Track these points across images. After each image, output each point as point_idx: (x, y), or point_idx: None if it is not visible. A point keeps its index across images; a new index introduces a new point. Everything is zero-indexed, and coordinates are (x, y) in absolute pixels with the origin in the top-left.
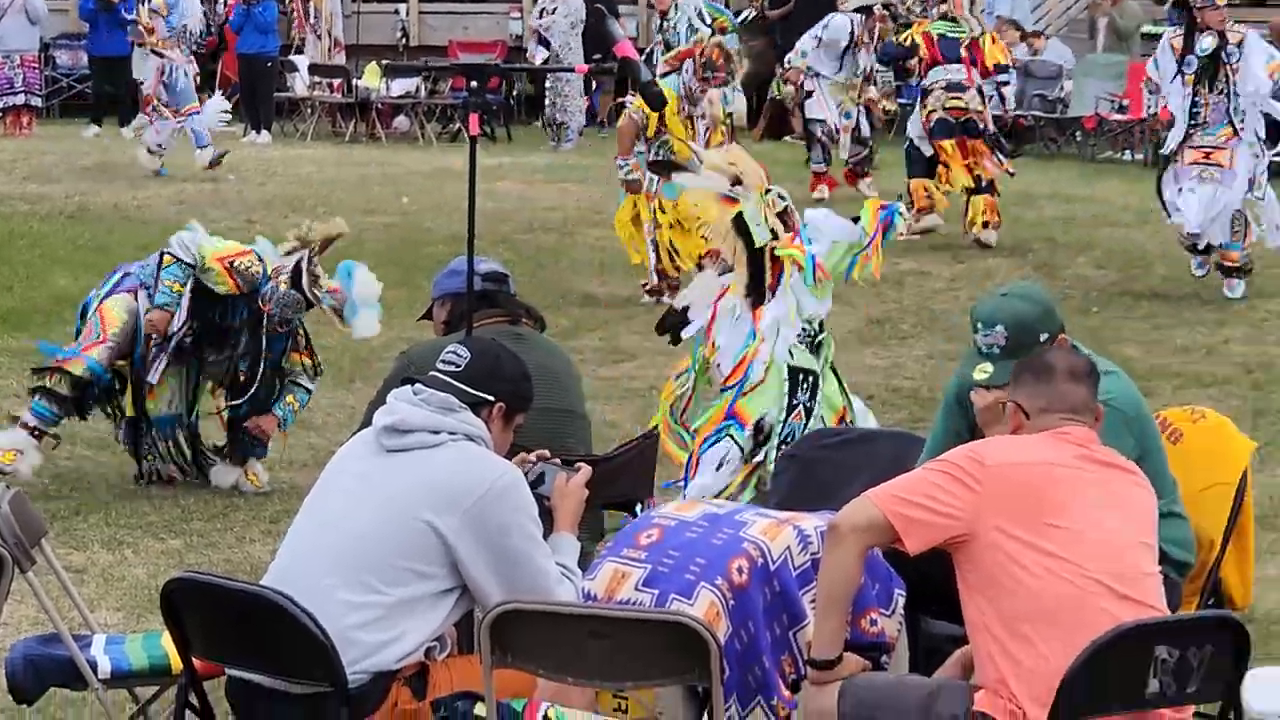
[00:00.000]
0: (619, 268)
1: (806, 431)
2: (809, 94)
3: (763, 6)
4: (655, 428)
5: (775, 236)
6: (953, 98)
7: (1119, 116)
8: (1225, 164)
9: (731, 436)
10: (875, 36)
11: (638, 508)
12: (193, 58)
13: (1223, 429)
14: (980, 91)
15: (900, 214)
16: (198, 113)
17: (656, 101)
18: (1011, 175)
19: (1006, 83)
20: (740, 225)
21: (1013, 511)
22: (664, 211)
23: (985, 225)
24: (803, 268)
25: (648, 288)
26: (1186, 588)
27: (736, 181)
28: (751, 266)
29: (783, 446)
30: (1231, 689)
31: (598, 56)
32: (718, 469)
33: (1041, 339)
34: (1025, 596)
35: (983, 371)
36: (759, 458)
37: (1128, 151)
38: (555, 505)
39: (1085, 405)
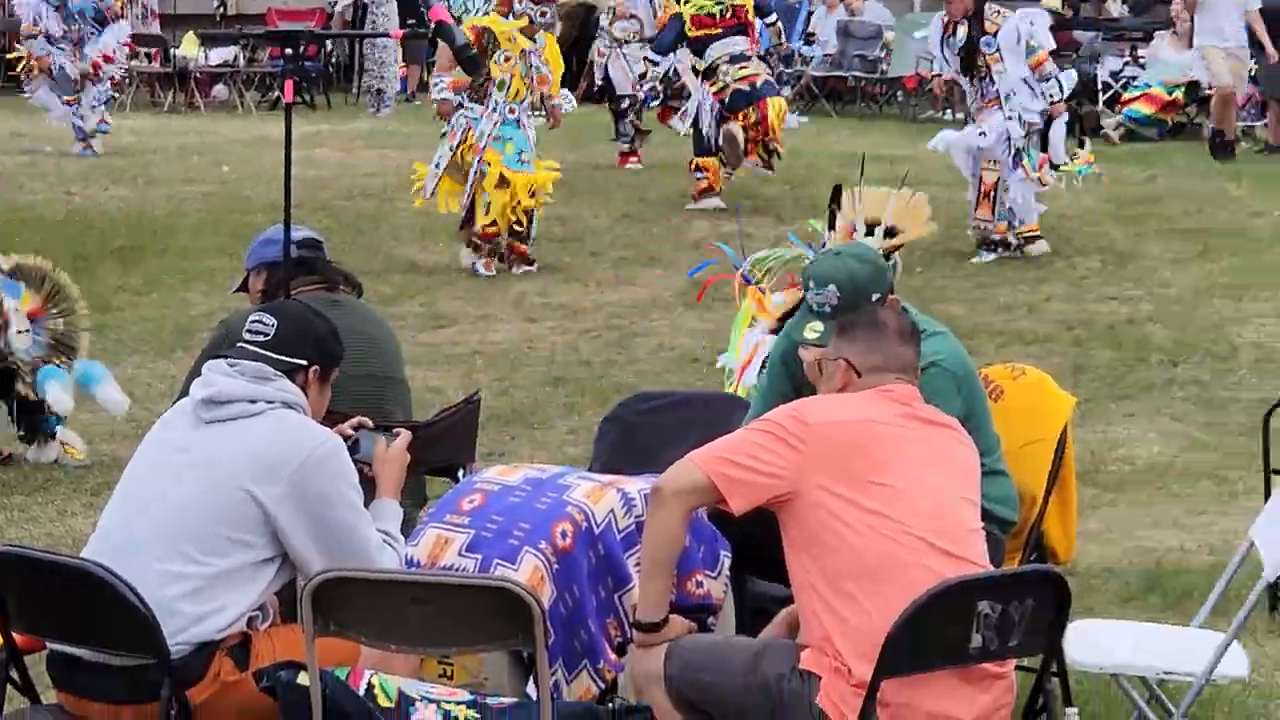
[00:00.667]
0: (440, 234)
1: None
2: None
3: None
4: (477, 393)
5: None
6: (740, 68)
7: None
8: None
9: None
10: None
11: (460, 473)
12: None
13: (1043, 385)
14: (763, 57)
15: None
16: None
17: (472, 65)
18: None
19: (773, 23)
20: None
21: (836, 469)
22: (491, 165)
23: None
24: None
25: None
26: (1009, 543)
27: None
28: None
29: None
30: (1053, 642)
31: (412, 21)
32: None
33: (873, 298)
34: (849, 554)
35: (813, 330)
36: None
37: (949, 111)
38: (376, 472)
39: (911, 365)
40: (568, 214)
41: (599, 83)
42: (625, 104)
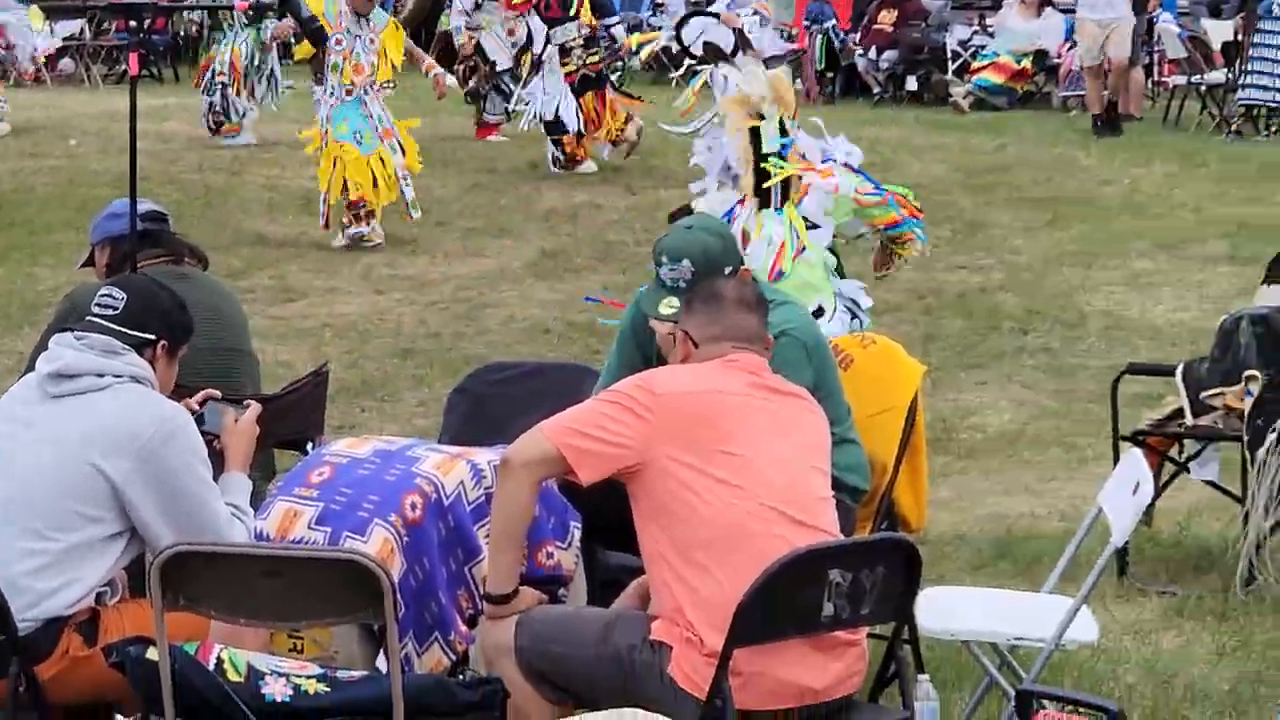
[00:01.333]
0: (289, 207)
1: None
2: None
3: None
4: (326, 365)
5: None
6: (591, 53)
7: (790, 46)
8: None
9: None
10: None
11: (309, 446)
12: None
13: (892, 354)
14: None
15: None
16: None
17: (318, 38)
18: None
19: (618, 23)
20: (755, 136)
21: (684, 439)
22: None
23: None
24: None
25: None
26: (860, 512)
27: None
28: (758, 175)
29: None
30: (904, 610)
31: None
32: None
33: (726, 272)
34: (699, 524)
35: (669, 305)
36: None
37: (798, 82)
38: (225, 445)
39: (755, 334)
40: (416, 185)
41: (469, 60)
42: (502, 76)
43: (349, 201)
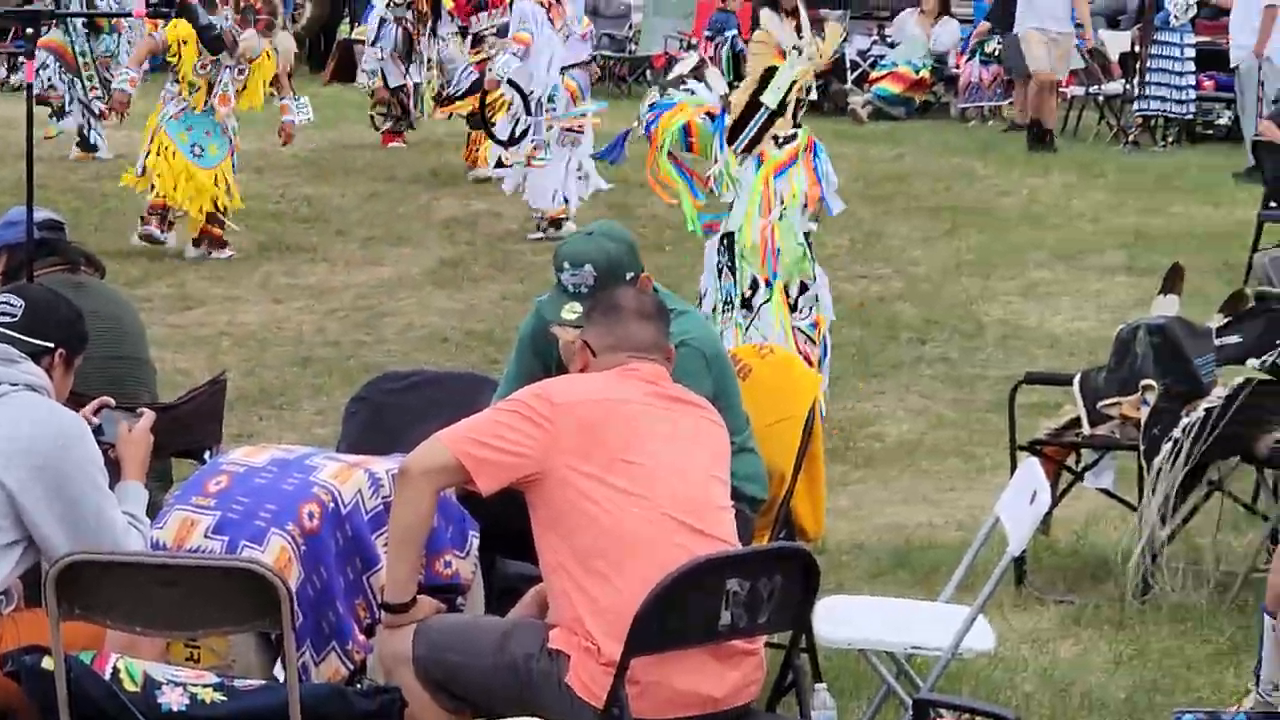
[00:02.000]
0: (188, 215)
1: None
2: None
3: None
4: (223, 374)
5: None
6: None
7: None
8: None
9: None
10: None
11: (206, 454)
12: None
13: (790, 363)
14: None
15: None
16: None
17: (215, 44)
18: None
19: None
20: (765, 77)
21: (583, 448)
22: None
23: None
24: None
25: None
26: (759, 521)
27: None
28: (745, 113)
29: (725, 308)
30: (802, 619)
31: (154, 2)
32: None
33: (628, 277)
34: (598, 533)
35: (572, 311)
36: None
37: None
38: (120, 453)
39: (654, 344)
40: (315, 194)
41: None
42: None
43: (153, 203)
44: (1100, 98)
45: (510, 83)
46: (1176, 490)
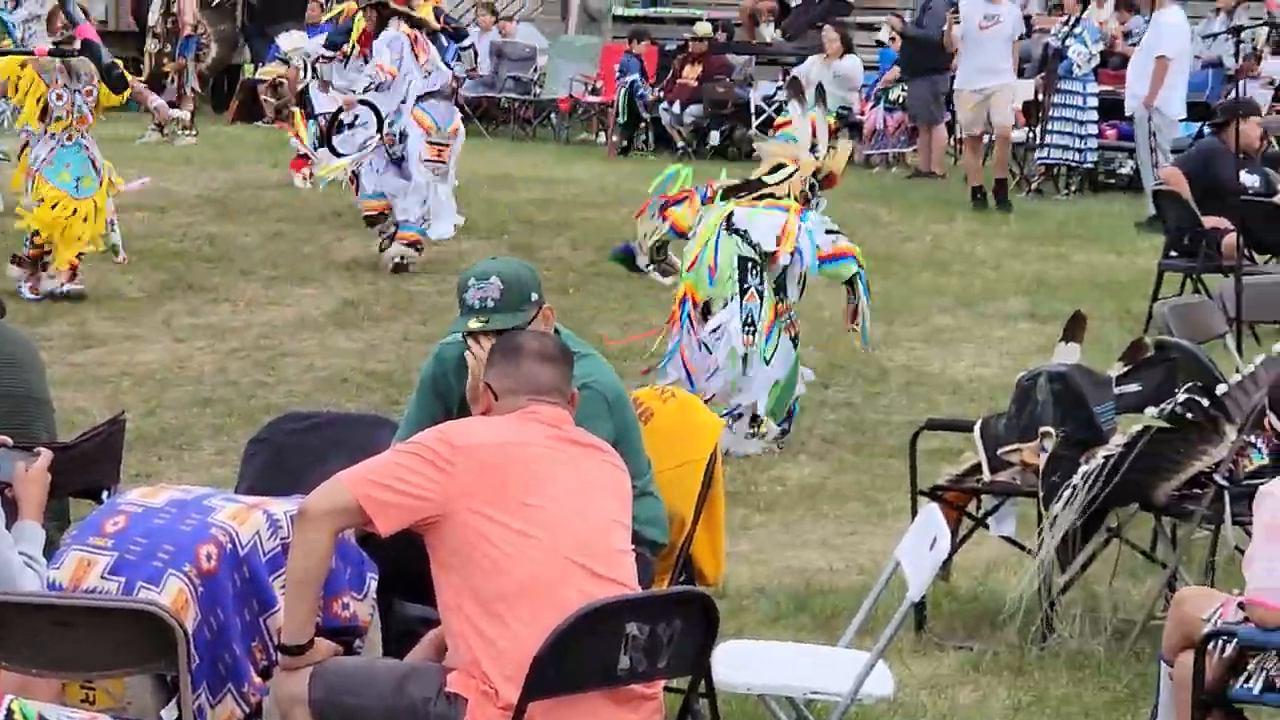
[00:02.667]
0: (91, 256)
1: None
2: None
3: None
4: (122, 413)
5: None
6: None
7: (592, 99)
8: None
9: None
10: None
11: (105, 494)
12: None
13: (691, 407)
14: None
15: None
16: None
17: (119, 85)
18: None
19: (466, 47)
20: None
21: (484, 491)
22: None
23: None
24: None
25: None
26: (659, 565)
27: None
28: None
29: (747, 328)
30: (701, 663)
31: (57, 41)
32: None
33: (533, 298)
34: (498, 576)
35: (480, 320)
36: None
37: (602, 134)
38: (17, 493)
39: (555, 386)
40: (218, 233)
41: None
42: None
43: (31, 252)
44: None
45: (366, 102)
46: (1076, 537)
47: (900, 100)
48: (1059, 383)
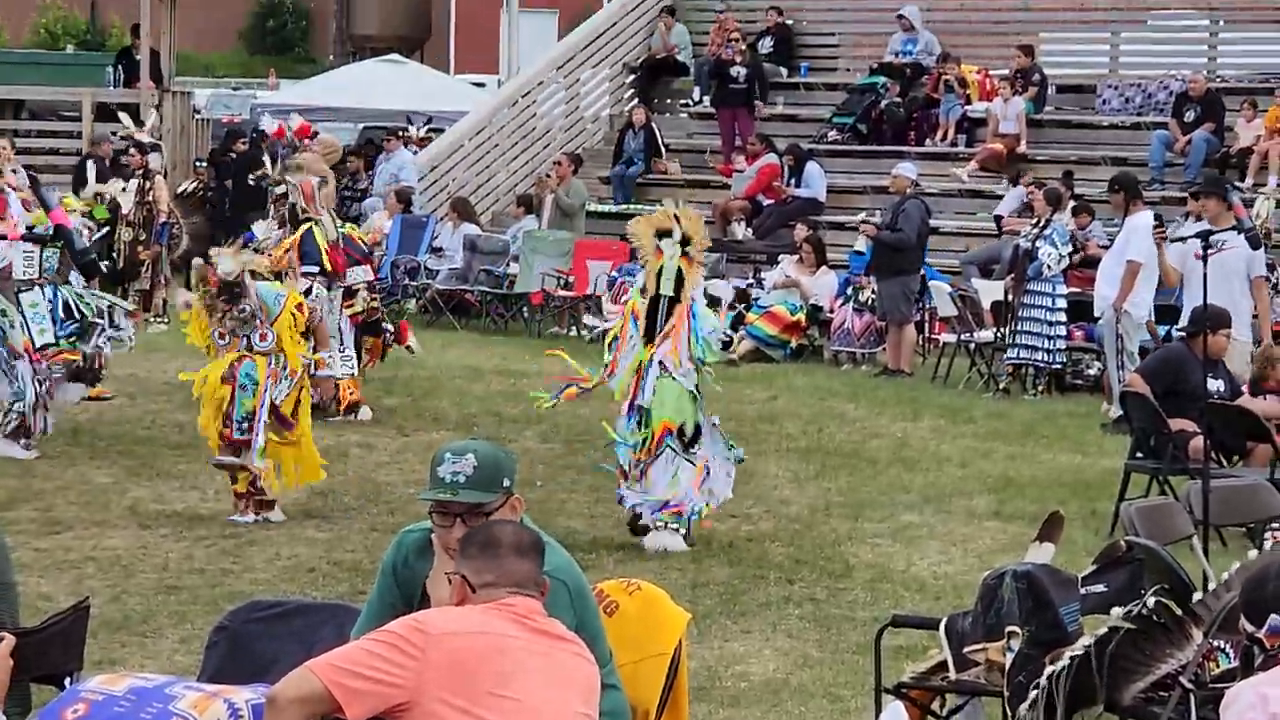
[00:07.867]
0: (55, 439)
1: None
2: None
3: (206, 181)
4: (86, 599)
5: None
6: (373, 298)
7: (565, 293)
8: None
9: (670, 447)
10: None
11: (67, 681)
12: None
13: (657, 600)
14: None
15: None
16: None
17: (91, 271)
18: (411, 352)
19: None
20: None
21: (454, 681)
22: None
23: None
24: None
25: None
26: None
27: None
28: (650, 310)
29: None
30: None
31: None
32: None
33: (504, 483)
34: None
35: (449, 492)
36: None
37: (574, 328)
38: None
39: (529, 579)
40: (187, 420)
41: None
42: None
43: None
44: (972, 345)
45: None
46: None
47: (870, 302)
48: (1024, 582)
